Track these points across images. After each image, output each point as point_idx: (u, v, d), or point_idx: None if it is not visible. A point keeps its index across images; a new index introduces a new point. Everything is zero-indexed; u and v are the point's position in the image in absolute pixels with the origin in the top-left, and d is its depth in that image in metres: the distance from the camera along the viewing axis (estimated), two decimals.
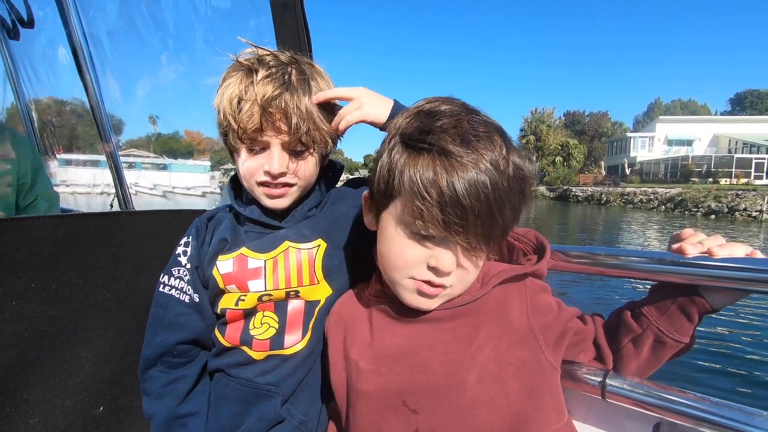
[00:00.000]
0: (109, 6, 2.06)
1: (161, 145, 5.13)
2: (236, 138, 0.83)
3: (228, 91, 0.82)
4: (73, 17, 2.04)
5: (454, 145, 0.59)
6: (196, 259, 0.93)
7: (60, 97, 3.55)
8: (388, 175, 0.64)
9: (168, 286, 0.93)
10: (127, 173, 3.70)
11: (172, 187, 6.39)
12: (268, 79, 0.81)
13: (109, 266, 1.30)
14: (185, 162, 8.49)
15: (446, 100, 0.67)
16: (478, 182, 0.58)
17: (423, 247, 0.65)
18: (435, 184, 0.59)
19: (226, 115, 0.82)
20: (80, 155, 4.84)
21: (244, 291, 0.89)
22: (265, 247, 0.90)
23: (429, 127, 0.62)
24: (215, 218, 0.98)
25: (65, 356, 1.19)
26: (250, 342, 0.90)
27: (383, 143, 0.69)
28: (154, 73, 2.45)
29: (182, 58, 2.23)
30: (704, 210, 26.08)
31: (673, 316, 0.71)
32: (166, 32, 2.10)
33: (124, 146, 4.31)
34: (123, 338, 1.32)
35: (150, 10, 2.03)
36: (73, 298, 1.21)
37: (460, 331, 0.71)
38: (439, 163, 0.59)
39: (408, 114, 0.67)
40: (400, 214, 0.64)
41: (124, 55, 2.33)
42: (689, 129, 47.86)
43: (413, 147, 0.62)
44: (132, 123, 3.25)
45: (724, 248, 0.65)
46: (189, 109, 2.39)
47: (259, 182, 0.87)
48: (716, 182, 33.90)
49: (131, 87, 2.49)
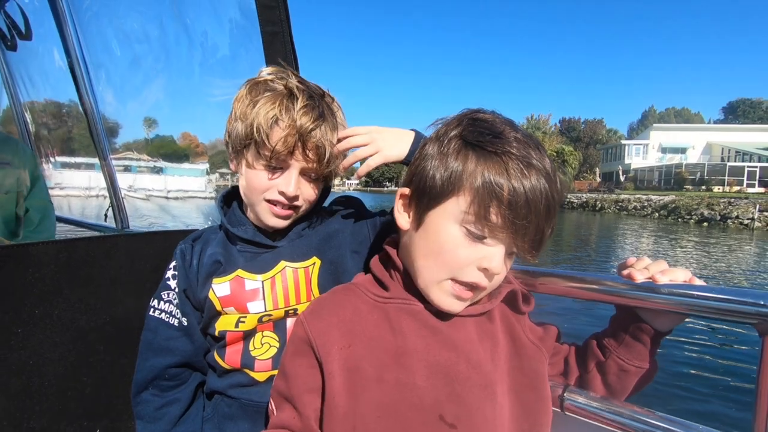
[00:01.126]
0: (105, 24, 2.10)
1: (157, 148, 5.12)
2: (261, 154, 0.84)
3: (265, 109, 0.83)
4: (70, 29, 2.08)
5: (519, 150, 0.62)
6: (184, 282, 0.93)
7: (55, 100, 3.59)
8: (450, 173, 0.64)
9: (158, 310, 0.93)
10: (123, 176, 3.74)
11: (167, 191, 6.37)
12: (306, 109, 0.84)
13: (107, 290, 1.32)
14: (181, 165, 8.43)
15: (488, 112, 0.71)
16: (542, 186, 0.62)
17: (476, 248, 0.64)
18: (507, 183, 0.60)
19: (260, 131, 0.82)
20: (75, 158, 4.85)
21: (243, 313, 0.89)
22: (261, 268, 0.91)
23: (494, 132, 0.64)
24: (201, 239, 0.98)
25: (68, 383, 1.20)
26: (251, 364, 0.90)
27: (432, 146, 0.69)
28: (149, 81, 2.49)
29: (175, 69, 2.27)
30: (697, 217, 26.31)
31: (629, 344, 0.76)
32: (160, 48, 2.14)
33: (120, 149, 4.32)
34: (119, 362, 1.34)
35: (144, 30, 2.07)
36: (75, 323, 1.22)
37: (486, 343, 0.73)
38: (510, 165, 0.61)
39: (458, 120, 0.69)
40: (459, 213, 0.64)
41: (119, 63, 2.37)
42: (683, 137, 48.38)
43: (482, 148, 0.63)
44: (128, 126, 3.28)
45: (666, 274, 0.70)
46: (186, 113, 2.43)
47: (268, 199, 0.88)
48: (709, 190, 34.27)
49: (126, 92, 2.52)
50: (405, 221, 0.72)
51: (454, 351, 0.69)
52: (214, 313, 0.91)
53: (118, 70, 2.32)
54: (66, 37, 2.08)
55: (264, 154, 0.84)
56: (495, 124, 0.67)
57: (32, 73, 2.99)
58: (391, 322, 0.71)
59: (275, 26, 1.21)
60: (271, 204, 0.88)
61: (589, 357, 0.81)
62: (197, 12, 1.76)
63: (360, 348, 0.69)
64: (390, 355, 0.68)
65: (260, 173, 0.86)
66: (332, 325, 0.71)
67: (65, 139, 4.11)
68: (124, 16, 2.21)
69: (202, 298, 0.91)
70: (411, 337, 0.69)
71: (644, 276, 0.72)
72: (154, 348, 0.93)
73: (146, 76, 2.47)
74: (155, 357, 0.92)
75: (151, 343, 0.93)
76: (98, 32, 2.16)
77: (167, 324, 0.92)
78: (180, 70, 2.27)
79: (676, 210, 28.23)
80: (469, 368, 0.69)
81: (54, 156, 4.18)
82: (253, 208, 0.91)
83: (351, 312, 0.72)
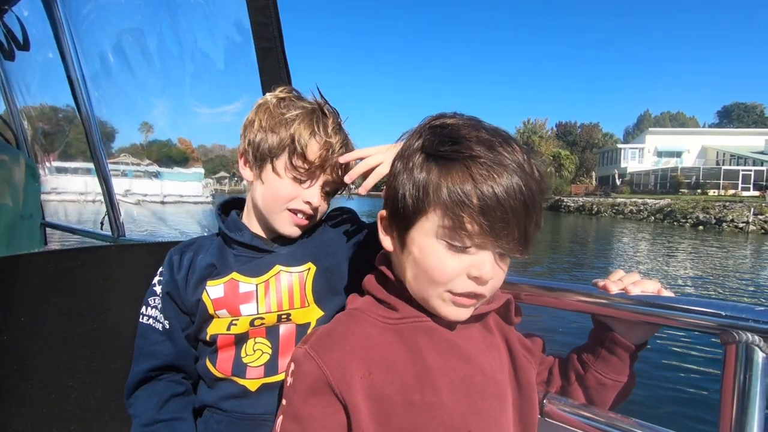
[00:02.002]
0: (102, 32, 2.14)
1: (154, 152, 5.13)
2: (294, 164, 0.89)
3: (305, 123, 0.89)
4: (67, 37, 2.11)
5: (484, 151, 0.60)
6: (168, 285, 0.95)
7: (52, 105, 3.61)
8: (418, 191, 0.63)
9: (146, 316, 0.96)
10: (118, 181, 3.74)
11: (164, 196, 6.36)
12: (336, 128, 0.93)
13: (97, 298, 1.35)
14: (177, 170, 8.47)
15: (449, 115, 0.69)
16: (513, 184, 0.60)
17: (462, 258, 0.63)
18: (475, 190, 0.59)
19: (299, 143, 0.88)
20: (72, 163, 4.86)
21: (235, 315, 0.90)
22: (256, 271, 0.93)
23: (453, 138, 0.62)
24: (194, 245, 1.00)
25: (53, 386, 1.23)
26: (243, 371, 0.91)
27: (398, 163, 0.68)
28: (145, 88, 2.52)
29: (170, 77, 2.30)
30: (692, 221, 26.46)
31: (606, 358, 0.79)
32: (156, 56, 2.18)
33: (116, 153, 4.33)
34: (110, 367, 1.36)
35: (140, 43, 2.11)
36: (60, 329, 1.25)
37: (493, 352, 0.74)
38: (474, 170, 0.59)
39: (419, 132, 0.67)
40: (436, 228, 0.62)
41: (116, 70, 2.40)
42: (678, 141, 48.73)
43: (443, 158, 0.61)
44: (125, 131, 3.31)
45: (637, 285, 0.73)
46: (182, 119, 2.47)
47: (291, 209, 0.92)
48: (705, 193, 34.47)
49: (122, 98, 2.56)
50: (389, 243, 0.72)
51: (469, 363, 0.69)
52: (207, 316, 0.92)
53: (115, 77, 2.35)
54: (63, 46, 2.10)
55: (298, 164, 0.89)
56: (455, 128, 0.65)
57: (29, 80, 3.02)
58: (407, 342, 0.68)
59: (269, 42, 1.25)
60: (293, 213, 0.92)
61: (570, 370, 0.84)
62: (192, 24, 1.80)
63: (380, 374, 0.65)
64: (412, 376, 0.66)
65: (288, 182, 0.90)
66: (347, 354, 0.66)
67: (62, 144, 4.14)
68: (120, 25, 2.24)
69: (193, 301, 0.92)
70: (429, 354, 0.67)
71: (618, 287, 0.75)
72: (144, 353, 0.95)
73: (142, 83, 2.50)
74: (145, 361, 0.94)
75: (142, 348, 0.95)
76: (95, 40, 2.19)
77: (153, 329, 0.94)
78: (175, 79, 2.30)
79: (671, 213, 28.39)
80: (485, 380, 0.70)
81: (50, 161, 4.20)
82: (270, 216, 0.93)
83: (362, 338, 0.68)
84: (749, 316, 0.62)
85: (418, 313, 0.70)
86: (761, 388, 0.61)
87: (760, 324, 0.61)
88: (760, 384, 0.61)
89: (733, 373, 0.63)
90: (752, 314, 0.62)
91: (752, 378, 0.62)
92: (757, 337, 0.61)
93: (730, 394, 0.63)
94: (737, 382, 0.63)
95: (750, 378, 0.62)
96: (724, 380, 0.64)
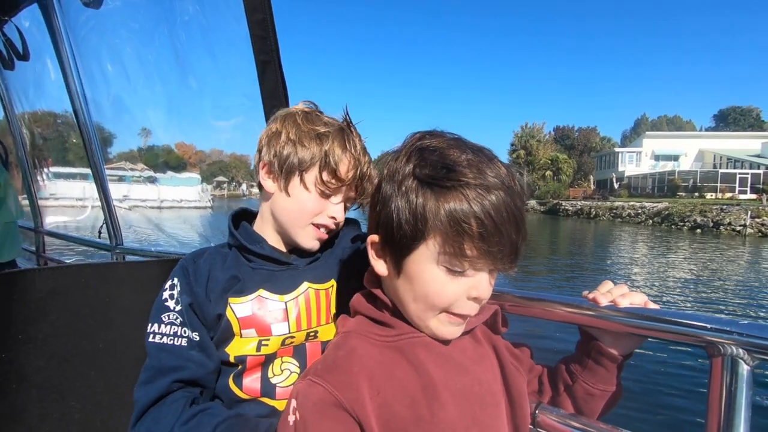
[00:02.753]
0: (101, 42, 2.16)
1: (152, 158, 5.13)
2: (324, 180, 0.88)
3: (337, 139, 0.90)
4: (66, 47, 2.13)
5: (472, 173, 0.61)
6: (189, 297, 0.88)
7: (51, 111, 3.63)
8: (416, 218, 0.63)
9: (158, 335, 0.85)
10: (117, 186, 3.75)
11: (161, 201, 6.37)
12: (365, 149, 0.94)
13: (101, 316, 1.33)
14: (175, 175, 8.52)
15: (433, 135, 0.69)
16: (504, 203, 0.61)
17: (461, 280, 0.65)
18: (474, 218, 0.60)
19: (333, 159, 0.88)
20: (70, 169, 4.87)
21: (265, 335, 0.87)
22: (283, 288, 0.91)
23: (445, 164, 0.63)
24: (205, 255, 0.94)
25: (53, 405, 1.21)
26: (272, 392, 0.88)
27: (387, 187, 0.68)
28: (144, 95, 2.54)
29: (173, 83, 2.32)
30: (690, 224, 26.55)
31: (593, 368, 0.80)
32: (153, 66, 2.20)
33: (114, 159, 4.36)
34: (115, 388, 1.33)
35: (138, 52, 2.13)
36: (60, 347, 1.23)
37: (486, 362, 0.76)
38: (471, 197, 0.60)
39: (406, 155, 0.67)
40: (437, 254, 0.63)
41: (114, 78, 2.42)
42: (675, 144, 48.93)
43: (438, 186, 0.62)
44: (123, 136, 3.34)
45: (626, 297, 0.75)
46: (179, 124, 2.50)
47: (317, 223, 0.91)
48: (702, 197, 34.60)
49: (120, 105, 2.58)
50: (383, 268, 0.71)
51: (467, 375, 0.71)
52: (228, 335, 0.87)
53: (113, 85, 2.37)
54: (62, 55, 2.12)
55: (328, 180, 0.89)
56: (443, 152, 0.65)
57: (27, 87, 3.04)
58: (409, 358, 0.69)
59: (267, 55, 1.27)
60: (317, 227, 0.92)
61: (559, 380, 0.86)
62: (190, 35, 1.82)
63: (389, 392, 0.66)
64: (419, 391, 0.67)
65: (316, 197, 0.90)
66: (355, 374, 0.66)
67: (60, 150, 4.15)
68: (119, 35, 2.26)
69: (214, 315, 0.87)
70: (431, 368, 0.69)
71: (607, 299, 0.77)
72: (163, 370, 0.83)
73: (141, 91, 2.52)
74: (163, 377, 0.82)
75: (157, 368, 0.83)
76: (93, 49, 2.21)
77: (173, 346, 0.84)
78: (174, 87, 2.32)
79: (669, 217, 28.48)
80: (482, 390, 0.72)
81: (48, 166, 4.21)
82: (293, 229, 0.92)
83: (366, 358, 0.68)
84: (734, 329, 0.64)
85: (414, 330, 0.71)
86: (746, 401, 0.63)
87: (743, 337, 0.62)
88: (745, 396, 0.63)
89: (719, 386, 0.65)
90: (737, 327, 0.64)
91: (737, 390, 0.63)
92: (741, 350, 0.63)
93: (716, 406, 0.65)
94: (723, 394, 0.64)
95: (735, 390, 0.63)
96: (711, 392, 0.65)
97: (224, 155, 48.06)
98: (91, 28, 2.07)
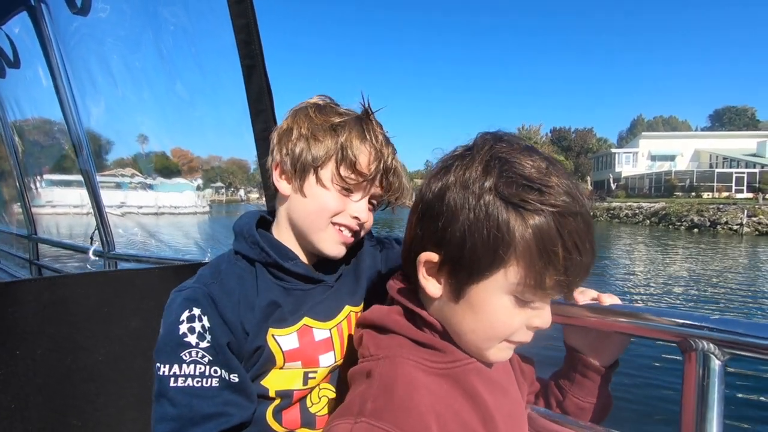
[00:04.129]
0: (90, 49, 2.17)
1: (148, 165, 5.12)
2: (342, 175, 0.79)
3: (353, 129, 0.80)
4: (56, 53, 2.14)
5: (567, 204, 0.54)
6: (224, 334, 0.74)
7: (44, 118, 3.64)
8: (495, 243, 0.55)
9: (181, 377, 0.70)
10: (114, 193, 3.74)
11: (158, 207, 6.39)
12: (387, 140, 0.83)
13: (100, 328, 1.27)
14: (172, 181, 8.50)
15: (501, 139, 0.61)
16: (591, 235, 0.56)
17: (526, 311, 0.60)
18: (563, 249, 0.54)
19: (350, 151, 0.78)
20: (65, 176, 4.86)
21: (313, 367, 0.80)
22: (327, 314, 0.84)
23: (531, 181, 0.55)
24: (227, 274, 0.80)
25: (54, 426, 1.16)
26: (313, 422, 0.82)
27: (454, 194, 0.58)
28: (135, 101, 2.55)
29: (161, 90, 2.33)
30: (687, 224, 26.62)
31: (580, 382, 0.82)
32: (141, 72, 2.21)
33: (111, 166, 4.36)
34: (117, 403, 1.28)
35: (126, 59, 2.14)
36: (60, 363, 1.18)
37: (512, 378, 0.75)
38: (563, 227, 0.54)
39: (484, 165, 0.57)
40: (509, 285, 0.57)
41: (105, 85, 2.43)
42: (671, 144, 49.19)
43: (525, 209, 0.54)
44: (118, 144, 3.34)
45: (600, 299, 0.76)
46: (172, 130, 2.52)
47: (338, 223, 0.81)
48: (699, 196, 34.72)
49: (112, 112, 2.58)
50: (436, 289, 0.62)
51: (508, 396, 0.70)
52: (268, 368, 0.78)
53: (104, 93, 2.38)
54: (52, 62, 2.13)
55: (346, 175, 0.79)
56: (526, 167, 0.56)
57: (19, 94, 3.05)
58: (465, 387, 0.63)
59: (252, 60, 1.28)
60: (339, 231, 0.82)
61: (551, 396, 0.87)
62: (177, 43, 1.83)
63: (453, 427, 0.60)
64: (478, 423, 0.62)
65: (335, 194, 0.80)
66: (424, 416, 0.57)
67: (56, 158, 4.15)
68: (108, 43, 2.27)
69: (252, 348, 0.76)
70: (485, 396, 0.64)
71: (585, 298, 0.77)
72: (195, 419, 0.70)
73: (131, 97, 2.53)
74: (197, 428, 0.69)
75: (184, 417, 0.69)
76: (82, 56, 2.21)
77: (203, 388, 0.71)
78: (164, 93, 2.33)
79: (666, 217, 28.57)
80: (519, 407, 0.73)
81: (42, 174, 4.22)
82: (314, 234, 0.81)
83: (427, 392, 0.60)
84: (705, 324, 0.64)
85: (466, 356, 0.65)
86: (719, 395, 0.63)
87: (714, 333, 0.63)
88: (718, 391, 0.63)
89: (693, 381, 0.65)
90: (708, 322, 0.64)
91: (710, 385, 0.63)
92: (712, 345, 0.63)
93: (690, 401, 0.65)
94: (696, 389, 0.64)
95: (708, 385, 0.63)
96: (684, 387, 0.66)
97: (222, 161, 47.82)
98: (80, 35, 2.08)
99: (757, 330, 0.60)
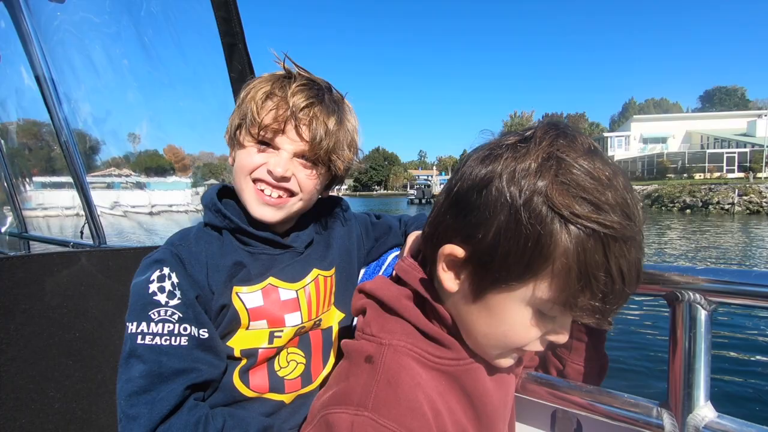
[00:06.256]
0: (72, 44, 2.13)
1: (141, 163, 5.06)
2: (251, 130, 0.78)
3: (260, 87, 0.80)
4: (36, 50, 2.09)
5: (619, 219, 0.49)
6: (192, 289, 0.76)
7: (32, 120, 3.59)
8: (532, 253, 0.49)
9: (149, 335, 0.71)
10: (106, 193, 3.68)
11: (151, 206, 6.35)
12: (302, 88, 0.80)
13: (77, 305, 1.31)
14: (164, 180, 8.47)
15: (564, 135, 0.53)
16: (640, 263, 0.51)
17: (545, 324, 0.56)
18: (605, 275, 0.49)
19: (251, 105, 0.78)
20: (54, 178, 4.81)
21: (278, 326, 0.81)
22: (294, 276, 0.84)
23: (594, 198, 0.48)
24: (195, 238, 0.82)
25: (30, 395, 1.19)
26: (281, 386, 0.83)
27: (498, 189, 0.51)
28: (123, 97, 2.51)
29: (145, 81, 2.30)
30: (680, 205, 26.87)
31: (577, 347, 0.82)
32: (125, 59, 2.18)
33: (101, 167, 4.33)
34: (96, 377, 1.32)
35: (106, 47, 2.10)
36: (35, 337, 1.22)
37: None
38: (611, 251, 0.48)
39: (538, 163, 0.50)
40: (535, 299, 0.52)
41: (89, 82, 2.39)
42: (663, 127, 49.46)
43: (574, 224, 0.48)
44: (109, 143, 3.30)
45: None
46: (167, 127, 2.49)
47: (256, 178, 0.80)
48: (691, 177, 34.99)
49: (97, 109, 2.55)
50: (453, 284, 0.58)
51: (503, 388, 0.70)
52: (233, 327, 0.79)
53: (88, 89, 2.35)
54: (33, 59, 2.09)
55: (252, 130, 0.78)
56: (587, 178, 0.49)
57: (3, 95, 2.99)
58: (464, 385, 0.61)
59: (233, 38, 1.26)
60: (258, 184, 0.80)
61: (550, 366, 0.87)
62: (158, 31, 1.80)
63: (447, 426, 0.57)
64: (474, 420, 0.62)
65: (250, 150, 0.80)
66: (426, 416, 0.54)
67: (42, 159, 4.10)
68: (89, 38, 2.23)
69: (217, 307, 0.78)
70: (485, 393, 0.63)
71: None
72: (164, 375, 0.70)
73: (118, 93, 2.49)
74: (167, 384, 0.70)
75: (154, 373, 0.70)
76: (65, 53, 2.17)
77: (172, 346, 0.72)
78: (150, 87, 2.30)
79: (659, 199, 28.79)
80: (509, 395, 0.73)
81: (31, 176, 4.16)
82: (241, 194, 0.82)
83: (429, 390, 0.57)
84: (690, 275, 0.64)
85: (469, 356, 0.63)
86: (705, 344, 0.64)
87: (700, 283, 0.63)
88: (704, 340, 0.64)
89: (681, 331, 0.66)
90: (693, 273, 0.64)
91: (697, 335, 0.64)
92: (698, 295, 0.64)
93: (677, 351, 0.66)
94: (684, 339, 0.65)
95: (695, 335, 0.64)
96: (672, 338, 0.66)
97: (214, 157, 47.69)
98: (58, 23, 2.03)
99: (741, 276, 0.61)
